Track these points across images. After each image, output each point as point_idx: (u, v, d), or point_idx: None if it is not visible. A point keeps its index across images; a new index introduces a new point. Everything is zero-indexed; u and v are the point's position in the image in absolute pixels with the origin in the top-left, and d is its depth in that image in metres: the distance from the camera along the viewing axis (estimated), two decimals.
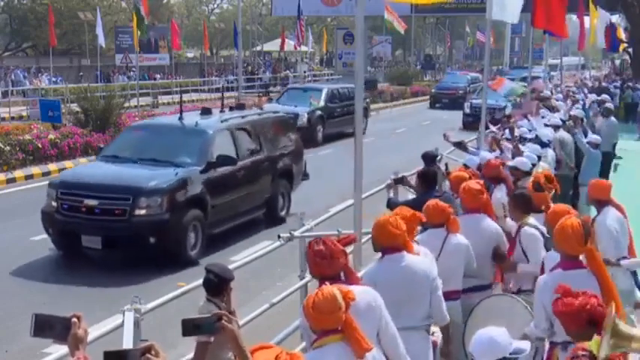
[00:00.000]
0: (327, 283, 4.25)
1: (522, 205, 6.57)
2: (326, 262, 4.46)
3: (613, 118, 17.43)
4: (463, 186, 6.78)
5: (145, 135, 12.80)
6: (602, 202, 7.40)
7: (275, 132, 14.00)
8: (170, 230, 10.80)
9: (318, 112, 24.86)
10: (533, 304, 5.09)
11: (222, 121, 12.76)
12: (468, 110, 30.00)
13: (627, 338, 3.05)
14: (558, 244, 5.01)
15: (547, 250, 6.10)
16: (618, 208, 7.41)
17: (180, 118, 12.75)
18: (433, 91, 42.13)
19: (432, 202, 6.24)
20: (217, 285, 5.18)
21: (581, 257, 5.01)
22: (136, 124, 14.65)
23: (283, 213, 13.70)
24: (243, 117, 13.39)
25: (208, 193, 11.50)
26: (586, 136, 13.36)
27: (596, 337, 3.06)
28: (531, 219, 6.51)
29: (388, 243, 5.13)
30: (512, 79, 34.38)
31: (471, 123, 27.81)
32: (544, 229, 6.43)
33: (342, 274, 4.57)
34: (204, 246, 11.27)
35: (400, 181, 8.45)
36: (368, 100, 29.86)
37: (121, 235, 10.78)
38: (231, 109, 14.21)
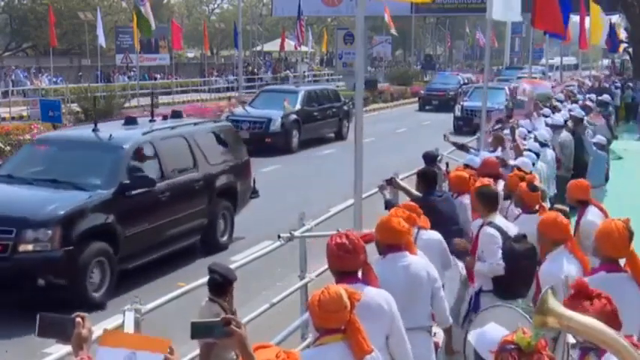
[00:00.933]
0: (335, 280, 4.28)
1: (487, 202, 6.51)
2: (349, 256, 4.47)
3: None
4: (473, 189, 6.89)
5: (49, 150, 10.87)
6: (584, 202, 7.40)
7: (215, 144, 12.14)
8: (64, 269, 8.95)
9: (294, 116, 23.09)
10: None
11: (143, 134, 10.87)
12: (458, 113, 28.66)
13: (555, 315, 3.01)
14: (601, 246, 4.91)
15: (505, 249, 6.10)
16: (598, 206, 7.44)
17: (95, 130, 10.81)
18: (422, 92, 40.46)
19: (402, 203, 6.30)
20: (222, 285, 5.19)
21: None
22: (41, 137, 12.55)
23: (224, 238, 11.94)
24: (173, 128, 11.57)
25: (120, 221, 9.67)
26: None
27: (521, 331, 3.01)
28: (498, 217, 6.49)
29: (393, 240, 5.14)
30: (507, 80, 34.32)
31: (462, 127, 26.89)
32: (511, 229, 6.44)
33: (359, 272, 4.57)
34: (114, 286, 9.53)
35: (389, 182, 8.46)
36: (349, 102, 27.22)
37: (2, 276, 8.83)
38: (164, 118, 12.38)
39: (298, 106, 23.61)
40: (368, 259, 4.69)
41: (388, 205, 7.74)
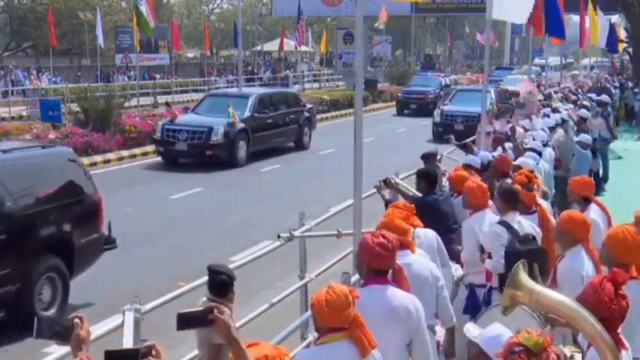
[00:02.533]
0: (364, 279, 4.39)
1: (508, 199, 6.55)
2: (388, 254, 4.50)
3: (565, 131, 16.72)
4: (467, 184, 6.89)
5: None
6: (587, 199, 7.39)
7: (36, 180, 8.81)
8: None
9: (241, 125, 19.96)
10: None
11: None
12: (438, 119, 26.10)
13: (525, 290, 3.03)
14: (613, 253, 4.73)
15: (509, 248, 6.10)
16: (600, 205, 7.43)
17: None
18: (399, 95, 37.38)
19: (394, 202, 6.32)
20: (228, 285, 5.17)
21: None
22: None
23: (52, 311, 8.47)
24: None
25: None
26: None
27: (525, 332, 3.01)
28: (516, 216, 6.51)
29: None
30: (497, 81, 33.93)
31: (441, 133, 23.37)
32: (527, 228, 6.44)
33: (390, 273, 4.60)
34: None
35: (385, 182, 8.43)
36: (312, 108, 25.52)
37: None
38: None
39: (247, 113, 20.63)
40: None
41: (388, 205, 7.73)
